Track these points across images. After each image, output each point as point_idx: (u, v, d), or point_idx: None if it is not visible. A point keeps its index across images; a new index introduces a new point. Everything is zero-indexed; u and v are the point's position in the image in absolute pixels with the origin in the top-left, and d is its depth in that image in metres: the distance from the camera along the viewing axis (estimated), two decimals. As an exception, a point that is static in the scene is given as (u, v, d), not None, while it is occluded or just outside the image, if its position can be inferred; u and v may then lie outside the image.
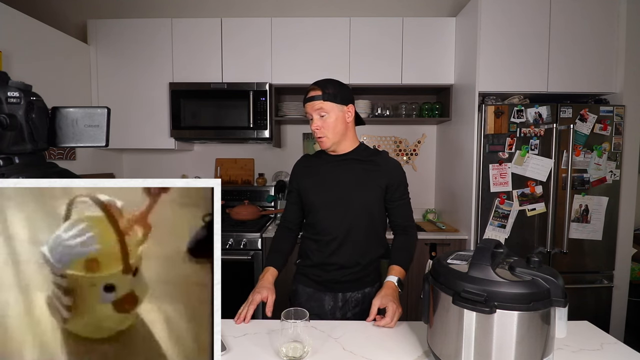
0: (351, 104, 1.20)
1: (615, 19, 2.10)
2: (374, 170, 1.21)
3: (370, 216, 1.21)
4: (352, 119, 1.21)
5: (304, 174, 1.28)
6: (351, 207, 1.19)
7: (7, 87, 0.60)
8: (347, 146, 1.23)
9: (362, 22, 2.40)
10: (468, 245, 2.17)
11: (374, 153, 1.25)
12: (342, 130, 1.19)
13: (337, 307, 1.23)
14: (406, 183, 1.26)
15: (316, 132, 1.18)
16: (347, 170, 1.21)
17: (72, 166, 2.07)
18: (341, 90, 1.17)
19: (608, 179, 2.07)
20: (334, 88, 1.16)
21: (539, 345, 0.71)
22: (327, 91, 1.15)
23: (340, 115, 1.17)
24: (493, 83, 2.11)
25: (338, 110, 1.16)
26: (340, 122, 1.17)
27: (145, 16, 2.72)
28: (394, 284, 1.12)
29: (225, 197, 2.69)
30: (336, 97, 1.15)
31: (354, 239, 1.20)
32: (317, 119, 1.17)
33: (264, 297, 1.12)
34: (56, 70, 2.12)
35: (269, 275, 1.20)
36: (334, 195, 1.20)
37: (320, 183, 1.23)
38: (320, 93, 1.15)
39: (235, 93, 2.35)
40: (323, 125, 1.16)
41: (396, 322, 1.03)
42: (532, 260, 0.75)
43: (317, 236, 1.24)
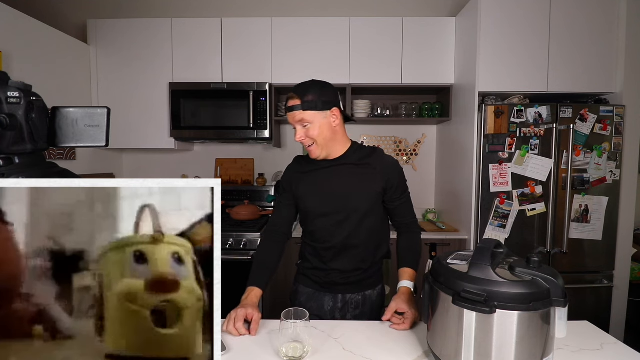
0: (335, 106, 1.11)
1: (615, 19, 2.10)
2: (370, 174, 1.15)
3: (369, 222, 1.17)
4: (339, 122, 1.13)
5: (298, 180, 1.22)
6: (349, 215, 1.15)
7: (7, 87, 0.60)
8: (338, 150, 1.17)
9: (362, 22, 2.40)
10: (468, 245, 2.17)
11: (369, 153, 1.19)
12: (330, 137, 1.12)
13: (336, 308, 1.23)
14: (405, 180, 1.22)
15: (302, 142, 1.12)
16: (342, 176, 1.16)
17: (72, 166, 2.07)
18: (322, 95, 1.08)
19: (608, 179, 2.07)
20: (314, 94, 1.07)
21: (539, 345, 0.71)
22: (307, 99, 1.07)
23: (324, 122, 1.10)
24: (493, 83, 2.11)
25: (321, 117, 1.09)
26: (326, 129, 1.10)
27: (145, 16, 2.72)
28: (410, 289, 1.11)
29: (225, 197, 2.69)
30: (317, 104, 1.08)
31: (353, 246, 1.17)
32: (300, 129, 1.10)
33: (248, 314, 1.01)
34: (56, 70, 2.12)
35: (253, 297, 1.10)
36: (330, 204, 1.16)
37: (315, 191, 1.18)
38: (299, 102, 1.07)
39: (235, 93, 2.34)
40: (308, 135, 1.10)
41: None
42: (532, 260, 0.75)
43: (315, 243, 1.21)
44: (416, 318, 1.04)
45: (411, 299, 1.09)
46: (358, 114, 2.49)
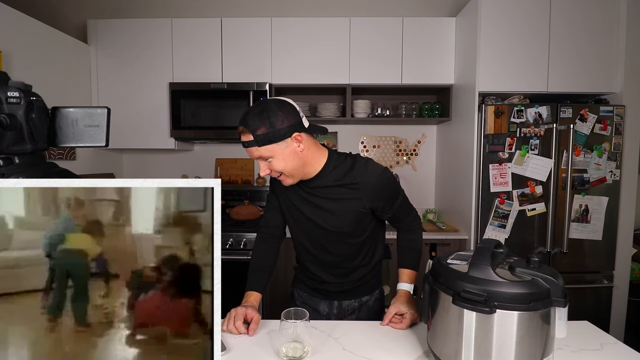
0: (296, 131, 0.94)
1: (615, 19, 2.10)
2: (353, 194, 1.02)
3: (356, 238, 1.10)
4: (305, 145, 0.97)
5: (281, 190, 1.13)
6: (331, 235, 1.08)
7: (7, 87, 0.60)
8: (313, 170, 1.03)
9: (362, 22, 2.40)
10: (468, 245, 2.17)
11: (348, 169, 1.03)
12: (298, 164, 0.98)
13: (332, 313, 1.21)
14: (396, 187, 1.08)
15: (270, 175, 1.02)
16: (322, 197, 1.05)
17: (72, 166, 2.07)
18: (276, 122, 0.91)
19: (608, 179, 2.07)
20: (266, 125, 0.91)
21: (539, 345, 0.71)
22: (259, 133, 0.91)
23: (287, 152, 0.95)
24: (493, 83, 2.11)
25: (282, 148, 0.94)
26: (291, 158, 0.96)
27: (145, 16, 2.72)
28: (409, 292, 1.10)
29: (225, 197, 2.69)
30: (274, 136, 0.91)
31: (340, 262, 1.13)
32: (262, 164, 0.98)
33: (248, 314, 1.00)
34: (56, 70, 2.12)
35: (253, 300, 1.08)
36: (311, 225, 1.09)
37: (296, 210, 1.10)
38: (251, 138, 0.92)
39: (235, 93, 2.34)
40: (272, 168, 0.98)
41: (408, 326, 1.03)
42: (532, 260, 0.75)
43: (302, 256, 1.19)
44: (415, 318, 1.04)
45: (410, 300, 1.08)
46: (358, 114, 2.49)
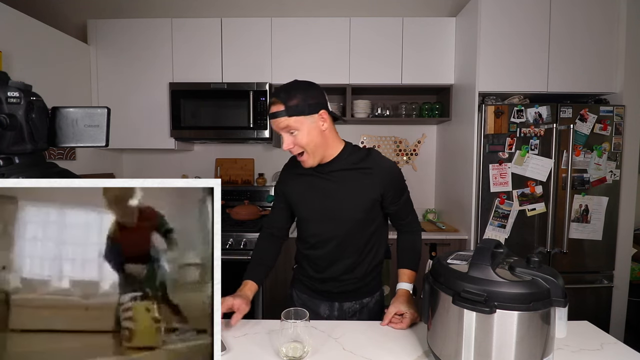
0: (323, 108, 1.02)
1: (615, 19, 2.10)
2: (366, 179, 1.08)
3: (364, 230, 1.12)
4: (328, 125, 1.04)
5: (293, 182, 1.17)
6: (343, 224, 1.10)
7: (7, 87, 0.60)
8: (331, 153, 1.09)
9: (362, 22, 2.40)
10: (468, 245, 2.17)
11: (364, 156, 1.10)
12: (320, 142, 1.03)
13: (332, 316, 1.20)
14: (404, 181, 1.15)
15: (290, 151, 1.05)
16: (336, 182, 1.09)
17: (72, 166, 2.07)
18: (308, 97, 0.99)
19: (608, 179, 2.07)
20: (299, 98, 0.98)
21: (539, 345, 0.71)
22: (291, 103, 0.97)
23: (313, 127, 1.01)
24: (493, 83, 2.10)
25: (309, 122, 1.00)
26: (315, 134, 1.01)
27: (145, 16, 2.72)
28: (408, 292, 1.10)
29: (225, 197, 2.69)
30: (304, 109, 0.98)
31: (348, 255, 1.13)
32: (287, 137, 1.01)
33: (236, 304, 1.01)
34: (56, 70, 2.12)
35: (247, 290, 1.09)
36: (324, 213, 1.11)
37: (309, 198, 1.13)
38: (282, 108, 0.98)
39: (235, 93, 2.34)
40: (296, 143, 1.01)
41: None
42: (532, 260, 0.75)
43: (309, 251, 1.18)
44: (415, 318, 1.03)
45: (409, 300, 1.08)
46: (358, 114, 2.49)
